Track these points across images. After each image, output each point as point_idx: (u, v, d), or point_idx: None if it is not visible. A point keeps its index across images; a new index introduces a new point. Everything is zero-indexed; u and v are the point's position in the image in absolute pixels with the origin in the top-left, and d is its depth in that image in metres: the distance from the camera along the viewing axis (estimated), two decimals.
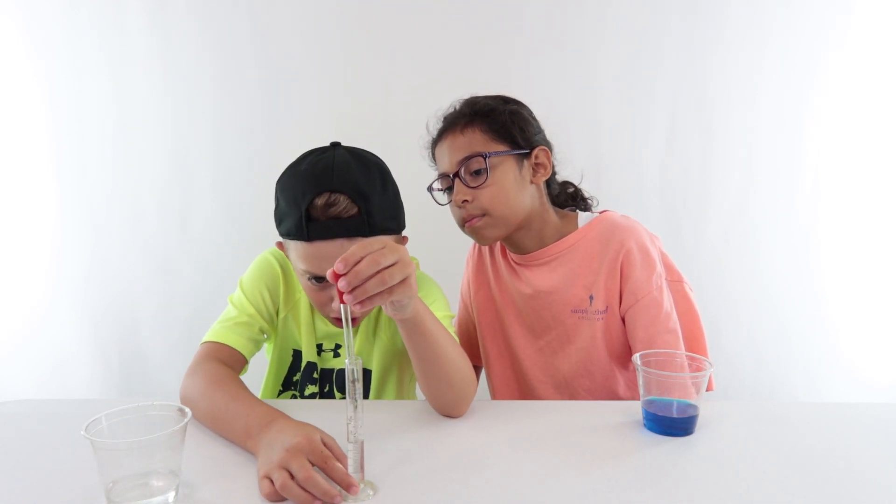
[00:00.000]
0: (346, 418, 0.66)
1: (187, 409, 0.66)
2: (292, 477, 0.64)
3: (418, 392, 1.09)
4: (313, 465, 0.65)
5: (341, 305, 0.66)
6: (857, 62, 1.60)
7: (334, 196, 0.84)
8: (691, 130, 1.65)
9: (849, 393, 1.75)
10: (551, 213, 1.10)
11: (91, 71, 1.63)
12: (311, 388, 1.05)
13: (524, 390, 1.15)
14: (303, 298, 1.03)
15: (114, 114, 1.66)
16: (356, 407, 0.66)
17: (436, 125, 1.09)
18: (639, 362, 0.82)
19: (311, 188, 0.85)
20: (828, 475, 0.70)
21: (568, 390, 1.10)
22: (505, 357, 1.17)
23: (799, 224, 1.69)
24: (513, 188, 1.03)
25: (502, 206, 1.02)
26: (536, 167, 1.05)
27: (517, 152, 1.03)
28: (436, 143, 1.08)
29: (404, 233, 0.97)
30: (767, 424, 0.84)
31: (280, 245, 0.98)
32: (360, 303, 0.65)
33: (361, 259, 0.64)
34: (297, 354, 1.05)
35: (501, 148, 1.02)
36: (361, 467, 0.68)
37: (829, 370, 1.75)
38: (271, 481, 0.65)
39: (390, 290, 0.66)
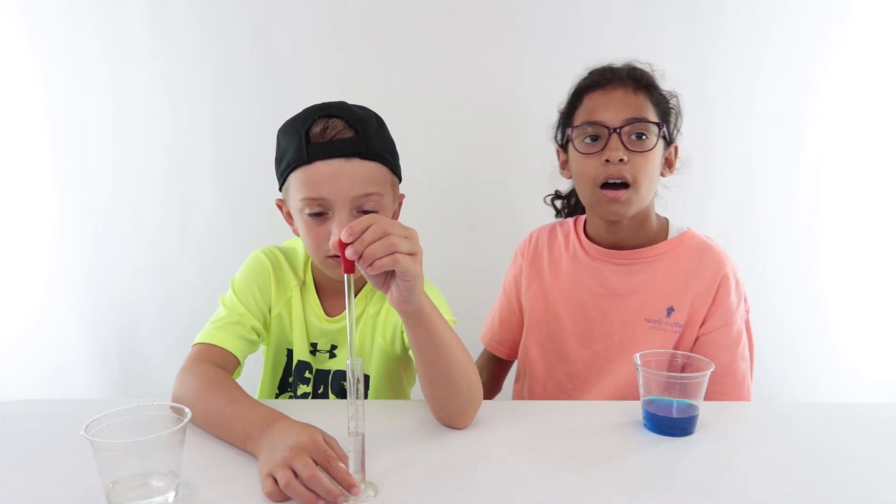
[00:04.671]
0: (348, 411, 0.66)
1: (187, 410, 0.66)
2: (296, 476, 0.64)
3: (413, 394, 1.09)
4: (316, 464, 0.66)
5: (345, 276, 0.66)
6: (856, 62, 1.60)
7: (332, 120, 0.89)
8: (691, 130, 1.65)
9: (849, 393, 1.75)
10: (654, 212, 1.10)
11: (91, 71, 1.63)
12: (303, 388, 1.04)
13: (568, 393, 1.10)
14: (295, 296, 1.02)
15: (114, 114, 1.65)
16: (358, 398, 0.66)
17: (587, 74, 1.07)
18: (639, 362, 0.82)
19: (310, 116, 0.90)
20: (828, 475, 0.70)
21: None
22: (552, 356, 1.12)
23: (799, 224, 1.69)
24: (657, 169, 1.04)
25: (649, 181, 1.01)
26: (668, 162, 1.07)
27: (667, 139, 1.05)
28: (594, 87, 1.05)
29: (402, 192, 0.99)
30: (767, 424, 0.84)
31: (280, 203, 0.99)
32: (370, 265, 0.65)
33: (369, 226, 0.65)
34: (291, 354, 1.05)
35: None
36: (362, 467, 0.68)
37: (829, 370, 1.75)
38: (275, 480, 0.65)
39: (398, 258, 0.66)
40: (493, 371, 1.29)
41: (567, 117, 1.09)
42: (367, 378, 1.04)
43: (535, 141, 1.61)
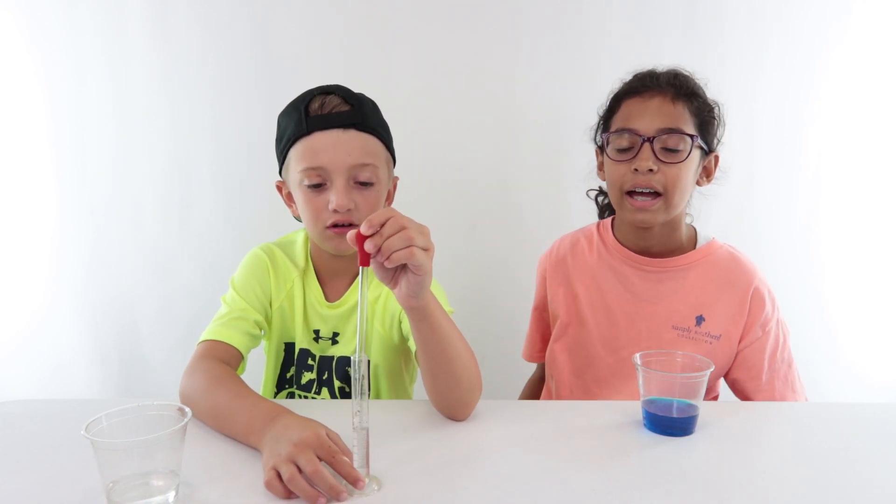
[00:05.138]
0: (352, 406, 0.67)
1: (187, 409, 0.66)
2: (300, 471, 0.64)
3: (416, 392, 1.09)
4: (320, 459, 0.66)
5: (360, 268, 0.67)
6: (856, 62, 1.60)
7: (330, 96, 0.94)
8: None
9: (849, 393, 1.75)
10: (684, 221, 1.10)
11: (91, 71, 1.63)
12: (308, 376, 1.05)
13: (595, 397, 1.10)
14: (296, 285, 1.03)
15: (114, 113, 1.65)
16: (362, 393, 0.67)
17: (628, 80, 1.06)
18: (639, 362, 0.82)
19: (309, 93, 0.95)
20: (828, 475, 0.70)
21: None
22: (579, 361, 1.12)
23: (799, 224, 1.69)
24: (690, 180, 1.03)
25: (680, 191, 1.01)
26: (706, 171, 1.06)
27: (704, 149, 1.04)
28: (632, 93, 1.04)
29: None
30: (767, 424, 0.84)
31: (280, 185, 1.02)
32: (387, 258, 0.67)
33: (388, 219, 0.67)
34: (292, 348, 1.06)
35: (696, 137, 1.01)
36: (367, 462, 0.68)
37: (829, 370, 1.75)
38: (278, 474, 0.65)
39: (414, 251, 0.67)
40: None
41: (605, 121, 1.09)
42: (368, 363, 1.05)
43: (535, 141, 1.62)
